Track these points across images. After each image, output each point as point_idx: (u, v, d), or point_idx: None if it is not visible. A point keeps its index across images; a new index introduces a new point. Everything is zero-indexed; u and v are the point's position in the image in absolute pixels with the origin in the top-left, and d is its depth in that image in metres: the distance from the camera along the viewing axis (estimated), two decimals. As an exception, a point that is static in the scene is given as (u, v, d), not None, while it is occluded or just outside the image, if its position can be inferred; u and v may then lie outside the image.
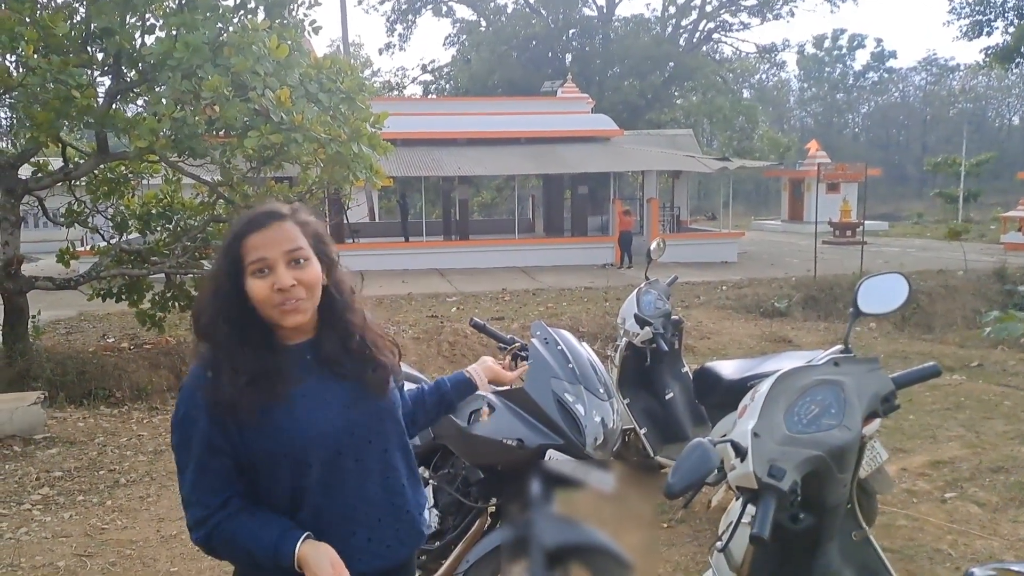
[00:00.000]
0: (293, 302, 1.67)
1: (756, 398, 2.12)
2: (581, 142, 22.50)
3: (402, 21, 39.90)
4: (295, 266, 1.68)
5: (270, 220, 1.69)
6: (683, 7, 38.85)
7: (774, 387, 2.09)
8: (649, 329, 4.62)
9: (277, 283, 1.65)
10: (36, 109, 6.27)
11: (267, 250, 1.66)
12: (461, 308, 13.03)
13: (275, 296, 1.65)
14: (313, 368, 1.75)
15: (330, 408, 1.73)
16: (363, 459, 1.78)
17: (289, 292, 1.66)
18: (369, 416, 1.80)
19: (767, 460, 1.95)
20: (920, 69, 66.62)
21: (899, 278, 2.59)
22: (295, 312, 1.68)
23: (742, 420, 2.13)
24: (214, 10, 6.96)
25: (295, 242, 1.69)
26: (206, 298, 1.74)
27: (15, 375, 7.71)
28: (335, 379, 1.77)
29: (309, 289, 1.70)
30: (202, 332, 1.73)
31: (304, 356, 1.75)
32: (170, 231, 9.08)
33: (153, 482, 5.51)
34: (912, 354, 9.46)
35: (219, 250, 1.75)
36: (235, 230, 1.71)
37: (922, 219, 37.12)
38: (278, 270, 1.66)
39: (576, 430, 2.86)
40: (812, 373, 2.14)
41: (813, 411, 2.05)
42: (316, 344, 1.77)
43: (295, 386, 1.70)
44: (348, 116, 7.15)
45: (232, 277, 1.68)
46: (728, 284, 15.33)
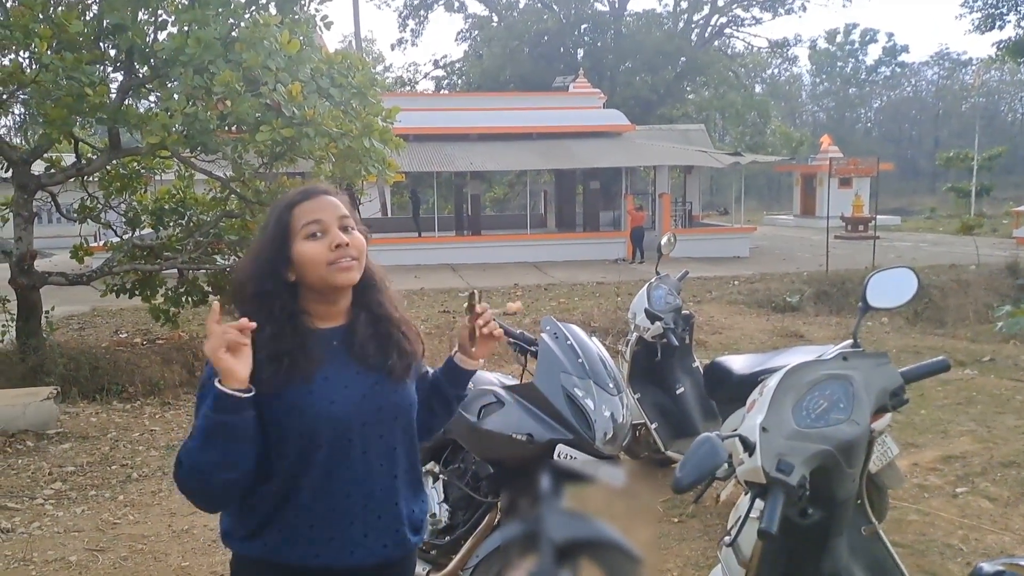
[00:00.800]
0: (348, 260, 1.73)
1: (764, 393, 2.11)
2: (593, 137, 22.46)
3: (414, 16, 39.92)
4: (346, 232, 1.76)
5: (319, 193, 1.80)
6: (695, 2, 38.71)
7: (782, 382, 2.08)
8: (659, 324, 4.61)
9: (335, 240, 1.72)
10: (49, 105, 6.29)
11: (322, 213, 1.75)
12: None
13: (331, 254, 1.71)
14: (338, 353, 1.78)
15: (348, 393, 1.75)
16: (369, 452, 1.78)
17: (345, 249, 1.72)
18: (384, 410, 1.80)
19: (775, 454, 1.94)
20: (932, 63, 66.25)
21: (908, 272, 2.57)
22: (349, 270, 1.74)
23: (750, 415, 2.12)
24: (225, 6, 6.97)
25: (345, 210, 1.79)
26: (247, 265, 1.81)
27: (28, 370, 7.76)
28: (358, 366, 1.79)
29: (360, 252, 1.77)
30: (238, 298, 1.79)
31: (331, 342, 1.78)
32: (183, 226, 9.12)
33: (165, 477, 5.53)
34: (923, 349, 9.40)
35: (266, 221, 1.82)
36: (286, 200, 1.80)
37: (934, 214, 36.90)
38: (332, 231, 1.73)
39: (586, 425, 2.86)
40: (820, 368, 2.13)
41: (822, 406, 2.04)
42: (346, 330, 1.81)
43: (317, 367, 1.72)
44: (360, 111, 7.15)
45: (278, 244, 1.74)
46: (740, 279, 15.28)
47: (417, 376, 1.96)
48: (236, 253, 8.89)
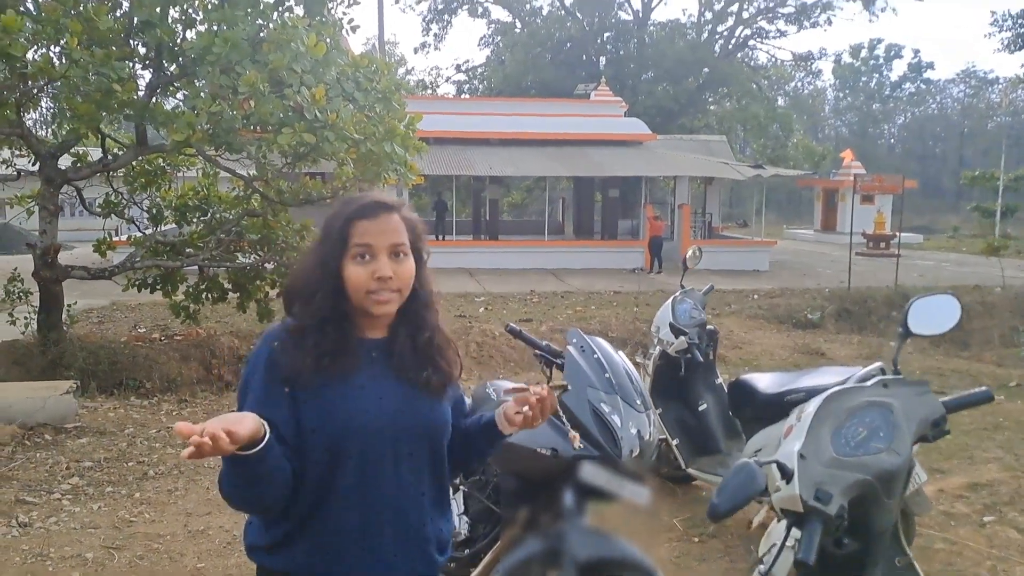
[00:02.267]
0: (388, 293, 1.71)
1: (803, 418, 2.06)
2: (614, 145, 22.41)
3: (438, 21, 40.04)
4: (395, 259, 1.73)
5: (381, 210, 1.74)
6: (719, 13, 38.61)
7: (821, 408, 2.03)
8: (684, 339, 4.56)
9: (378, 271, 1.69)
10: (77, 101, 6.32)
11: (374, 238, 1.71)
12: (489, 308, 13.01)
13: (372, 283, 1.70)
14: (377, 364, 1.77)
15: (382, 405, 1.73)
16: (400, 468, 1.75)
17: (386, 283, 1.70)
18: (417, 426, 1.77)
19: (813, 483, 1.89)
20: (958, 81, 65.64)
21: (951, 299, 2.52)
22: (385, 303, 1.72)
23: (788, 440, 2.07)
24: (254, 6, 6.99)
25: (400, 236, 1.74)
26: (301, 272, 1.81)
27: (48, 363, 7.79)
28: (395, 378, 1.77)
29: (404, 283, 1.74)
30: (288, 303, 1.81)
31: (371, 352, 1.77)
32: (205, 223, 9.15)
33: (181, 475, 5.52)
34: (948, 372, 9.28)
35: (324, 229, 1.78)
36: (346, 213, 1.74)
37: (958, 233, 36.51)
38: (380, 259, 1.70)
39: (612, 441, 2.81)
40: (860, 394, 2.08)
41: (861, 434, 1.99)
42: (387, 343, 1.80)
43: (355, 374, 1.72)
44: (383, 116, 7.14)
45: (333, 257, 1.73)
46: (760, 293, 15.18)
47: (454, 400, 1.91)
48: (257, 251, 8.91)
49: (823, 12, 36.85)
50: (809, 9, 36.86)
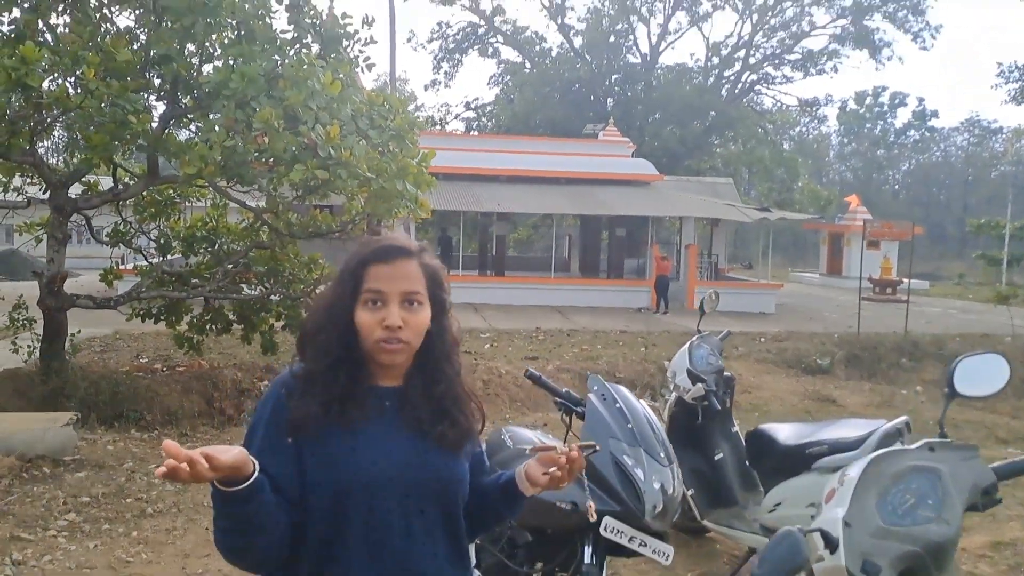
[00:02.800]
0: (396, 343, 1.62)
1: (846, 483, 1.96)
2: (621, 185, 22.46)
3: (448, 60, 40.47)
4: (407, 307, 1.64)
5: (397, 255, 1.66)
6: (726, 58, 38.99)
7: (866, 472, 1.93)
8: (702, 386, 4.45)
9: (387, 320, 1.61)
10: (92, 131, 6.31)
11: (386, 284, 1.63)
12: (495, 345, 12.91)
13: (380, 332, 1.61)
14: (389, 414, 1.67)
15: (392, 458, 1.63)
16: (411, 526, 1.64)
17: (395, 332, 1.61)
18: (430, 482, 1.66)
19: (860, 554, 1.79)
20: (962, 130, 66.04)
21: (998, 358, 2.42)
22: (394, 353, 1.64)
23: (830, 506, 1.97)
24: (271, 42, 7.01)
25: (414, 284, 1.66)
26: (315, 314, 1.74)
27: (49, 392, 7.69)
28: (407, 430, 1.67)
29: (415, 333, 1.65)
30: (300, 345, 1.73)
31: (384, 401, 1.68)
32: (212, 254, 9.10)
33: (180, 514, 5.39)
34: (963, 423, 9.14)
35: (340, 271, 1.71)
36: (361, 255, 1.67)
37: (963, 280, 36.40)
38: (390, 307, 1.62)
39: (635, 496, 2.71)
40: (906, 458, 1.98)
41: (908, 501, 1.89)
42: (401, 392, 1.70)
43: (365, 423, 1.63)
44: (396, 153, 7.12)
45: (344, 300, 1.66)
46: (767, 336, 15.05)
47: (472, 456, 1.80)
48: (263, 284, 8.86)
49: (829, 60, 37.18)
50: (816, 56, 37.21)
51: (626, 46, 39.17)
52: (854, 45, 36.40)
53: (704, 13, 38.46)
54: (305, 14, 7.12)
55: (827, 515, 1.91)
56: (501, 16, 38.59)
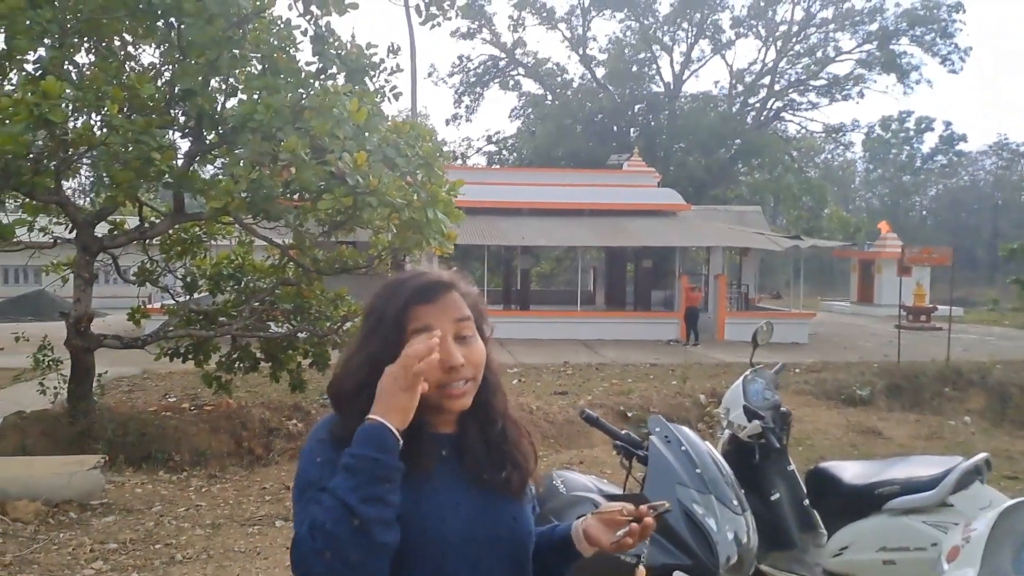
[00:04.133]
0: (461, 384, 1.44)
1: (973, 539, 1.70)
2: (648, 215, 22.26)
3: (469, 93, 40.70)
4: (463, 343, 1.46)
5: (439, 291, 1.48)
6: (751, 86, 38.88)
7: (996, 526, 1.68)
8: (758, 423, 4.18)
9: (448, 360, 1.41)
10: (116, 168, 6.22)
11: (437, 319, 1.44)
12: (523, 380, 12.66)
13: (442, 375, 1.41)
14: (449, 464, 1.49)
15: (459, 513, 1.45)
16: None
17: (458, 372, 1.43)
18: (499, 538, 1.47)
19: (1000, 624, 1.53)
20: (991, 153, 65.35)
21: None
22: (462, 396, 1.45)
23: (955, 566, 1.71)
24: (296, 74, 6.93)
25: (463, 311, 1.48)
26: (353, 372, 1.48)
27: (76, 434, 7.57)
28: (469, 481, 1.49)
29: (476, 370, 1.47)
30: (336, 402, 1.50)
31: (440, 450, 1.49)
32: (239, 292, 8.99)
33: (211, 560, 5.17)
34: (1017, 454, 8.75)
35: (374, 315, 1.50)
36: (403, 296, 1.46)
37: (998, 306, 35.73)
38: (445, 345, 1.41)
39: (707, 548, 2.45)
40: (1039, 509, 1.73)
41: (1049, 559, 1.63)
42: (457, 438, 1.52)
43: (425, 477, 1.44)
44: (425, 182, 6.97)
45: (388, 349, 1.41)
46: (801, 367, 14.66)
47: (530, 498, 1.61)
48: (290, 321, 8.72)
49: (855, 84, 36.92)
50: (842, 81, 36.98)
51: (649, 75, 39.20)
52: (881, 69, 36.13)
53: (727, 41, 38.46)
54: (330, 45, 7.04)
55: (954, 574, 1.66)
56: (522, 48, 38.81)
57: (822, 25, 36.81)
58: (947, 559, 1.75)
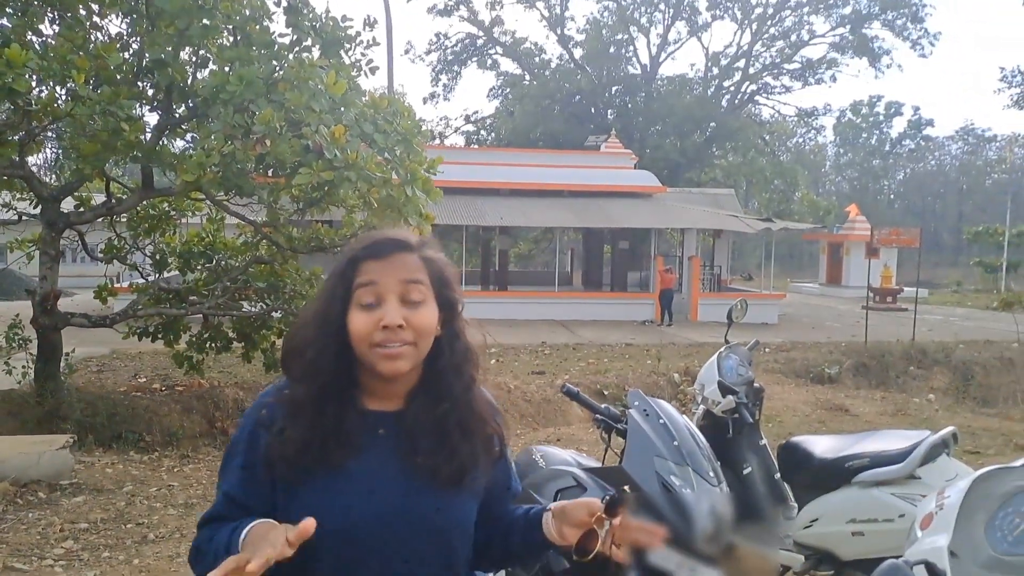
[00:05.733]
0: (396, 346, 1.36)
1: (946, 506, 1.73)
2: (624, 197, 22.30)
3: (447, 72, 40.37)
4: (409, 305, 1.38)
5: (392, 249, 1.41)
6: (726, 68, 38.96)
7: (969, 494, 1.70)
8: (732, 398, 4.21)
9: (384, 319, 1.35)
10: (83, 141, 6.08)
11: (382, 278, 1.38)
12: (501, 360, 12.67)
13: (377, 334, 1.36)
14: (382, 444, 1.41)
15: (373, 499, 1.38)
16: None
17: (395, 333, 1.35)
18: (419, 528, 1.40)
19: (973, 588, 1.56)
20: (957, 138, 66.21)
21: None
22: (395, 358, 1.37)
23: (929, 533, 1.73)
24: (269, 46, 6.80)
25: (414, 274, 1.40)
26: (302, 327, 1.48)
27: (44, 414, 7.44)
28: (401, 463, 1.41)
29: (419, 335, 1.38)
30: (285, 365, 1.48)
31: (377, 428, 1.42)
32: (210, 271, 8.87)
33: (183, 539, 5.13)
34: (979, 430, 8.90)
35: (330, 273, 1.47)
36: (352, 252, 1.43)
37: (961, 287, 36.35)
38: (388, 304, 1.37)
39: (684, 519, 2.47)
40: (1011, 477, 1.75)
41: (1019, 526, 1.66)
42: (400, 417, 1.44)
43: (352, 457, 1.38)
44: (403, 159, 6.90)
45: (335, 305, 1.40)
46: (771, 347, 14.81)
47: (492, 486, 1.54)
48: (264, 300, 8.62)
49: (828, 68, 37.16)
50: (815, 65, 37.19)
51: (626, 57, 39.16)
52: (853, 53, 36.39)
53: (703, 23, 38.50)
54: (305, 16, 6.92)
55: (927, 544, 1.68)
56: (500, 27, 38.55)
57: (797, 8, 36.95)
58: (921, 526, 1.77)
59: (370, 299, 1.37)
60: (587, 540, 1.38)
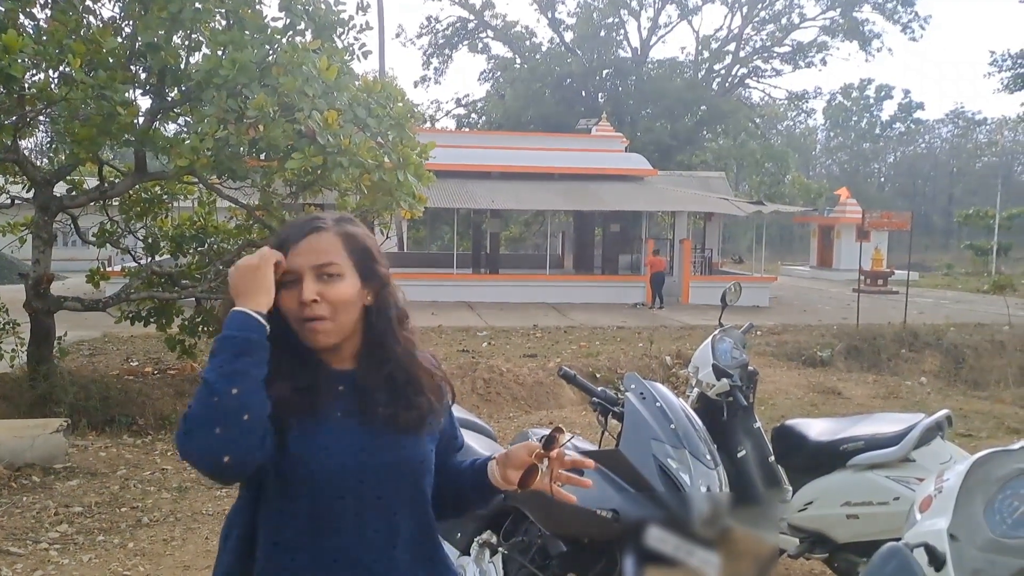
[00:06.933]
0: (317, 322, 1.52)
1: (945, 489, 1.75)
2: (615, 180, 22.30)
3: (438, 55, 40.22)
4: (323, 281, 1.54)
5: (306, 231, 1.58)
6: (716, 52, 38.89)
7: (968, 477, 1.72)
8: (727, 381, 4.23)
9: (300, 295, 1.52)
10: (77, 124, 6.04)
11: (297, 260, 1.54)
12: (492, 343, 12.70)
13: (299, 310, 1.52)
14: (343, 399, 1.58)
15: (342, 445, 1.53)
16: (364, 516, 1.54)
17: (311, 307, 1.51)
18: (385, 467, 1.55)
19: (971, 571, 1.58)
20: (947, 121, 66.35)
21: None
22: (317, 332, 1.53)
23: (928, 515, 1.76)
24: (262, 30, 6.74)
25: (327, 256, 1.55)
26: None
27: (37, 398, 7.42)
28: (362, 415, 1.57)
29: (334, 307, 1.53)
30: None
31: (337, 385, 1.58)
32: (202, 254, 8.84)
33: (178, 523, 5.14)
34: (971, 413, 8.98)
35: None
36: (280, 236, 1.62)
37: (951, 270, 36.57)
38: (305, 282, 1.53)
39: (681, 503, 2.49)
40: (1011, 460, 1.77)
41: (1018, 508, 1.68)
42: (354, 375, 1.60)
43: (323, 409, 1.55)
44: (396, 143, 6.88)
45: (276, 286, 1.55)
46: (762, 330, 14.87)
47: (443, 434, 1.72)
48: (256, 284, 8.58)
49: (819, 52, 37.13)
50: (805, 48, 37.16)
51: (617, 40, 39.10)
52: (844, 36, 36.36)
53: (694, 6, 38.45)
54: (297, 0, 6.85)
55: (926, 527, 1.70)
56: (491, 11, 38.40)
57: (788, -9, 36.90)
58: (920, 509, 1.79)
59: (291, 279, 1.53)
60: (528, 476, 1.53)
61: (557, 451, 1.52)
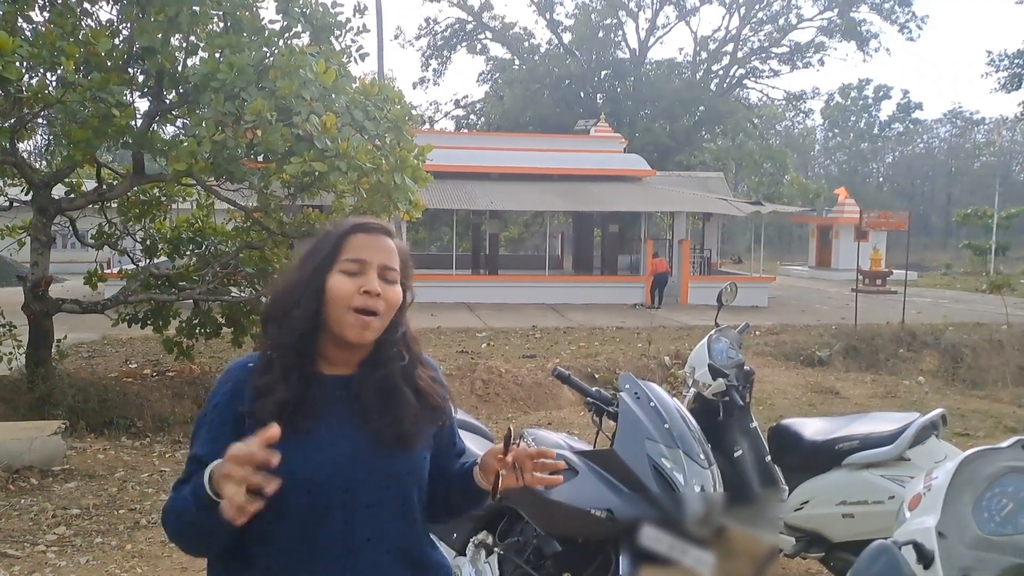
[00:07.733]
0: (371, 314, 1.55)
1: (934, 487, 1.76)
2: (614, 181, 22.33)
3: (437, 57, 40.23)
4: (385, 281, 1.58)
5: (379, 230, 1.63)
6: (715, 53, 38.92)
7: (957, 474, 1.74)
8: (723, 381, 4.24)
9: (366, 285, 1.54)
10: (74, 127, 6.05)
11: (368, 253, 1.58)
12: (492, 344, 12.70)
13: (358, 298, 1.54)
14: (339, 405, 1.59)
15: (333, 452, 1.54)
16: (353, 523, 1.54)
17: (372, 300, 1.54)
18: (377, 475, 1.57)
19: (959, 569, 1.59)
20: (945, 121, 66.38)
21: None
22: (367, 325, 1.55)
23: (917, 513, 1.77)
24: (259, 32, 6.76)
25: (392, 260, 1.61)
26: (282, 287, 1.66)
27: (35, 400, 7.43)
28: (358, 421, 1.58)
29: (388, 308, 1.59)
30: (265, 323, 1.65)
31: (335, 391, 1.59)
32: (200, 256, 8.85)
33: (176, 524, 5.15)
34: (968, 412, 9.00)
35: (315, 244, 1.64)
36: (342, 227, 1.62)
37: (950, 270, 36.58)
38: (370, 274, 1.56)
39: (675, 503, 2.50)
40: (999, 458, 1.78)
41: (1007, 506, 1.69)
42: (351, 382, 1.61)
43: (316, 417, 1.55)
44: (394, 146, 6.89)
45: (320, 269, 1.57)
46: (761, 329, 14.89)
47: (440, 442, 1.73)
48: (254, 286, 8.60)
49: (816, 52, 37.16)
50: (803, 49, 37.19)
51: (615, 41, 39.10)
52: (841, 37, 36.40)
53: (692, 7, 38.44)
54: (295, 3, 6.87)
55: (915, 525, 1.71)
56: (489, 12, 38.39)
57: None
58: (909, 507, 1.80)
59: (354, 268, 1.55)
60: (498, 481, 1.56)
61: (515, 451, 1.55)
